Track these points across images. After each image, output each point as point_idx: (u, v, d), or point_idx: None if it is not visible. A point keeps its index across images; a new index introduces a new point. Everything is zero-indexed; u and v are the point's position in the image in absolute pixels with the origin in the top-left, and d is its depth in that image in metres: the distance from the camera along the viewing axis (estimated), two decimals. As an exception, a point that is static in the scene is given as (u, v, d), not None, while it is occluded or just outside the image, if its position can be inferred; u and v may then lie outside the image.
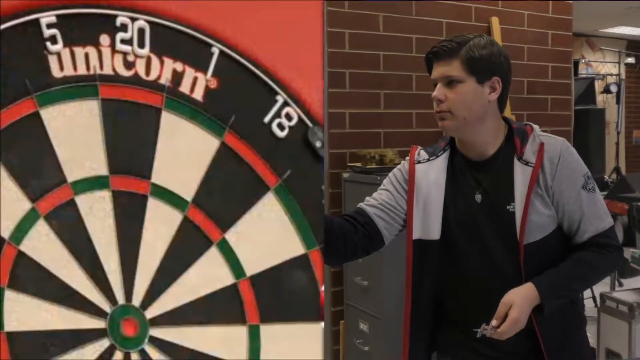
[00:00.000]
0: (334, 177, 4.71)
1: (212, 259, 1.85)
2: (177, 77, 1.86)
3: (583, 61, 10.43)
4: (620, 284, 6.14)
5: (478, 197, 2.16)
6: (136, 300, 1.81)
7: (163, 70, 1.86)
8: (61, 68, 1.81)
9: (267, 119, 1.89)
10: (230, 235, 1.86)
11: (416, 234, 2.20)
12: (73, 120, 1.80)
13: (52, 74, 1.80)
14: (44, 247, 1.77)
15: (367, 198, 2.33)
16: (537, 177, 2.08)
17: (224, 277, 1.86)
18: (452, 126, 2.14)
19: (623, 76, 10.49)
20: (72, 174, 1.79)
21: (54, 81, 1.80)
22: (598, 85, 9.46)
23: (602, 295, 4.57)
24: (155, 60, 1.85)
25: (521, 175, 2.10)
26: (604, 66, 11.13)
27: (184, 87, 1.87)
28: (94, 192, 1.81)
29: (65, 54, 1.81)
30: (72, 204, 1.80)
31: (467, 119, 2.11)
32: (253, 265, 1.87)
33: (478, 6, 5.22)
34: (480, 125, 2.14)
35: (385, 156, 4.49)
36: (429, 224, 2.19)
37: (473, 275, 2.15)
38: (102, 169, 1.82)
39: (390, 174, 2.37)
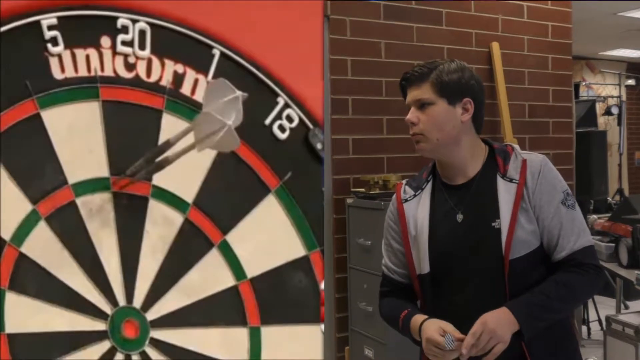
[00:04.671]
0: (338, 203, 4.59)
1: (213, 260, 1.83)
2: (178, 78, 1.85)
3: (584, 84, 10.42)
4: (626, 307, 6.00)
5: (459, 217, 2.13)
6: (137, 302, 1.79)
7: (164, 72, 1.85)
8: (62, 70, 1.80)
9: (268, 121, 1.88)
10: (231, 237, 1.84)
11: (417, 271, 2.19)
12: (74, 121, 1.79)
13: (53, 76, 1.80)
14: (45, 248, 1.75)
15: (387, 262, 2.33)
16: (522, 192, 2.06)
17: (224, 279, 1.84)
18: (427, 148, 2.11)
19: (624, 98, 10.52)
20: (73, 176, 1.78)
21: (55, 83, 1.80)
22: (599, 108, 9.33)
23: (607, 318, 4.44)
24: (156, 62, 1.85)
25: (505, 192, 2.08)
26: (605, 88, 11.16)
27: (185, 89, 1.86)
28: (95, 193, 1.79)
29: (66, 55, 1.81)
30: (72, 205, 1.78)
31: (440, 140, 2.07)
32: (254, 266, 1.85)
33: (478, 31, 5.15)
34: (455, 146, 2.10)
35: (388, 181, 4.39)
36: (421, 259, 2.17)
37: (461, 297, 2.10)
38: (103, 171, 1.81)
39: (386, 222, 2.33)
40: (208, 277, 1.80)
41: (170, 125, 1.80)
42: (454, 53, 4.91)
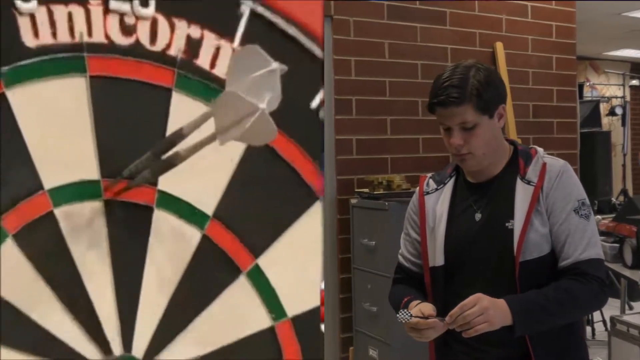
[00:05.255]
0: (342, 203, 4.20)
1: (240, 292, 1.20)
2: (193, 45, 1.21)
3: (588, 84, 10.03)
4: (631, 307, 5.55)
5: (477, 216, 1.99)
6: (138, 351, 1.15)
7: (174, 36, 1.21)
8: (35, 34, 1.17)
9: (314, 104, 1.23)
10: (265, 261, 1.22)
11: (430, 263, 2.05)
12: (52, 104, 1.15)
13: (23, 43, 1.15)
14: (12, 277, 1.12)
15: (403, 252, 2.16)
16: (538, 195, 1.93)
17: (257, 318, 1.21)
18: (474, 164, 1.96)
19: (628, 98, 10.18)
20: (51, 178, 1.14)
21: (25, 52, 1.17)
22: (603, 108, 8.97)
23: (612, 319, 4.06)
24: (163, 24, 1.21)
25: (522, 193, 1.95)
26: (609, 89, 10.59)
27: (203, 60, 1.23)
28: (81, 202, 1.15)
29: (42, 15, 1.17)
30: (50, 218, 1.13)
31: (486, 153, 1.94)
32: (296, 302, 1.21)
33: (482, 32, 4.82)
34: (494, 153, 1.98)
35: (392, 182, 4.08)
36: (436, 251, 2.03)
37: (471, 294, 1.86)
38: (92, 172, 1.16)
39: (407, 213, 2.17)
40: (234, 315, 1.16)
41: (183, 108, 1.15)
42: (458, 53, 4.55)
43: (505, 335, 1.81)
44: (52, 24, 1.15)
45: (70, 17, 1.15)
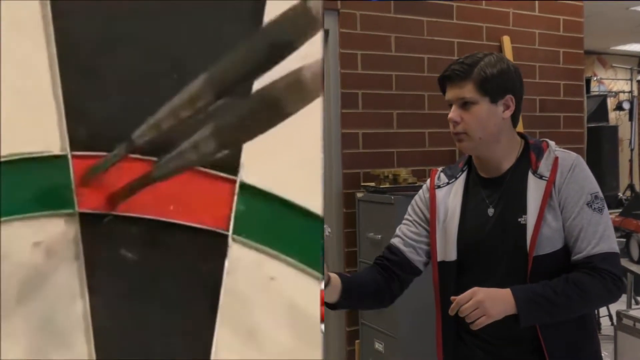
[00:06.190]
0: (348, 197, 4.06)
1: None
2: None
3: (595, 79, 9.71)
4: (637, 302, 5.35)
5: (490, 211, 1.91)
6: None
7: None
8: None
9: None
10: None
11: (440, 257, 1.98)
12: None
13: None
14: None
15: (397, 231, 2.12)
16: (551, 190, 1.85)
17: None
18: (469, 146, 1.90)
19: (635, 93, 9.84)
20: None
21: None
22: (610, 103, 8.75)
23: (618, 314, 3.83)
24: None
25: (535, 188, 1.86)
26: (616, 83, 10.23)
27: None
28: (21, 219, 0.61)
29: None
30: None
31: (483, 139, 1.87)
32: None
33: (489, 25, 4.53)
34: (495, 143, 1.90)
35: (398, 175, 3.91)
36: (447, 246, 1.96)
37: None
38: (51, 141, 0.63)
39: (413, 202, 2.12)
40: None
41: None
42: (465, 47, 4.35)
43: (517, 330, 1.75)
44: None
45: None
